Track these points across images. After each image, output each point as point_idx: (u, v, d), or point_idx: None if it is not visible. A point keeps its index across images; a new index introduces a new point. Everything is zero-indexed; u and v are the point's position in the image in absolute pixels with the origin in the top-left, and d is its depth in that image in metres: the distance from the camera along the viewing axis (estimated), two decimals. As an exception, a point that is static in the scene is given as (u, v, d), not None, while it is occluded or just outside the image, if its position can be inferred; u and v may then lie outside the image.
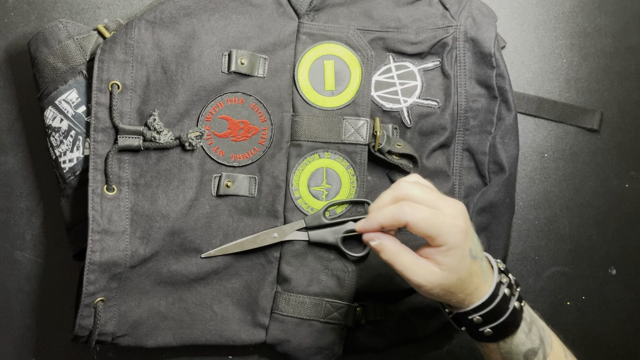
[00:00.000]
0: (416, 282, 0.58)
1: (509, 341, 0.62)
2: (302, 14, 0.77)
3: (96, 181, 0.72)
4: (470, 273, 0.59)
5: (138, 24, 0.73)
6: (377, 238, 0.59)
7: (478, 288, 0.60)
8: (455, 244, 0.57)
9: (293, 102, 0.77)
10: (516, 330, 0.62)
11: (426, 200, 0.58)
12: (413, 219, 0.56)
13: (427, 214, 0.57)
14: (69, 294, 0.79)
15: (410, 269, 0.58)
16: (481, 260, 0.61)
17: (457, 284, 0.59)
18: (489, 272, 0.62)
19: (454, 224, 0.57)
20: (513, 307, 0.61)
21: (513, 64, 0.84)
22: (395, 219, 0.57)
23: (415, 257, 0.59)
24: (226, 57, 0.75)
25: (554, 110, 0.84)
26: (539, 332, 0.64)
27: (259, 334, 0.76)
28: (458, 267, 0.58)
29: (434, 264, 0.58)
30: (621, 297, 0.84)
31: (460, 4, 0.79)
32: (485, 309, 0.60)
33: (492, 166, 0.78)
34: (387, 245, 0.59)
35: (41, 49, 0.74)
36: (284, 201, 0.77)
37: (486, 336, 0.62)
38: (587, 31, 0.85)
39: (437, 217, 0.57)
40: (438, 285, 0.58)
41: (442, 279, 0.58)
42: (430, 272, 0.58)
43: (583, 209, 0.84)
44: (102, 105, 0.73)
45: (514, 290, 0.63)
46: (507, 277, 0.63)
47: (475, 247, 0.60)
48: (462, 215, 0.59)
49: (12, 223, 0.82)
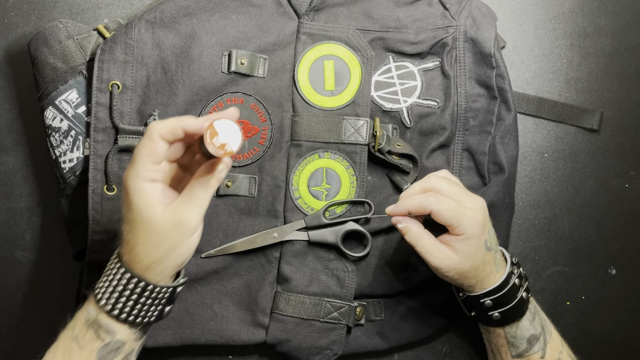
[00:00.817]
0: (434, 264, 0.66)
1: (515, 326, 0.69)
2: (302, 14, 0.77)
3: (96, 181, 0.72)
4: (483, 262, 0.66)
5: (138, 24, 0.73)
6: (404, 221, 0.66)
7: (490, 276, 0.67)
8: (472, 234, 0.64)
9: (293, 102, 0.77)
10: (522, 317, 0.68)
11: (451, 194, 0.65)
12: (438, 208, 0.63)
13: (451, 205, 0.64)
14: (69, 294, 0.79)
15: (430, 252, 0.65)
16: (495, 252, 0.68)
17: (471, 269, 0.65)
18: (502, 263, 0.69)
19: (474, 217, 0.64)
20: (521, 296, 0.68)
21: (513, 64, 0.84)
22: (422, 207, 0.64)
23: (435, 242, 0.66)
24: (226, 57, 0.75)
25: (554, 110, 0.84)
26: (541, 322, 0.70)
27: (259, 334, 0.76)
28: (473, 255, 0.65)
29: (451, 250, 0.65)
30: (621, 297, 0.84)
31: (460, 4, 0.79)
32: (496, 294, 0.67)
33: (492, 166, 0.78)
34: (412, 229, 0.66)
35: (41, 49, 0.74)
36: (283, 201, 0.77)
37: (494, 320, 0.69)
38: (587, 31, 0.85)
39: (459, 209, 0.64)
40: (453, 269, 0.65)
41: (458, 263, 0.65)
42: (447, 256, 0.65)
43: (583, 209, 0.84)
44: (102, 105, 0.73)
45: (523, 282, 0.69)
46: (518, 270, 0.69)
47: (490, 239, 0.67)
48: (482, 210, 0.66)
49: (12, 223, 0.82)
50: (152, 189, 0.56)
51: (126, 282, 0.57)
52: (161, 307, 0.60)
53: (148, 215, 0.56)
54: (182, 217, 0.56)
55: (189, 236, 0.57)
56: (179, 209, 0.56)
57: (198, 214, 0.57)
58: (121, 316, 0.58)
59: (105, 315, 0.58)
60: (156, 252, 0.56)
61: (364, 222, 0.77)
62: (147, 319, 0.59)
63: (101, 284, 0.59)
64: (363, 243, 0.78)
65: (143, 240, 0.56)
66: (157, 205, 0.56)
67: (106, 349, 0.58)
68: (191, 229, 0.57)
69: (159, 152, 0.55)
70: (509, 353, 0.70)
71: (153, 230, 0.56)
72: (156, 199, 0.56)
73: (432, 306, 0.78)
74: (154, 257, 0.57)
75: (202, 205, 0.57)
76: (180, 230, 0.56)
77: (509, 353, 0.70)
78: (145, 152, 0.55)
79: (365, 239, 0.77)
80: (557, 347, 0.71)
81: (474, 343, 0.82)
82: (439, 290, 0.77)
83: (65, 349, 0.59)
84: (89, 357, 0.58)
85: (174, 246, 0.57)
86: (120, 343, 0.59)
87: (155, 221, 0.56)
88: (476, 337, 0.81)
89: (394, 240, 0.77)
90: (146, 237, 0.56)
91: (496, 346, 0.71)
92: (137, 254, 0.57)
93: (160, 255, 0.57)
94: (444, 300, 0.78)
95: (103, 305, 0.58)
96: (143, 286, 0.57)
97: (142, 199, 0.55)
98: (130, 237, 0.57)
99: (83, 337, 0.58)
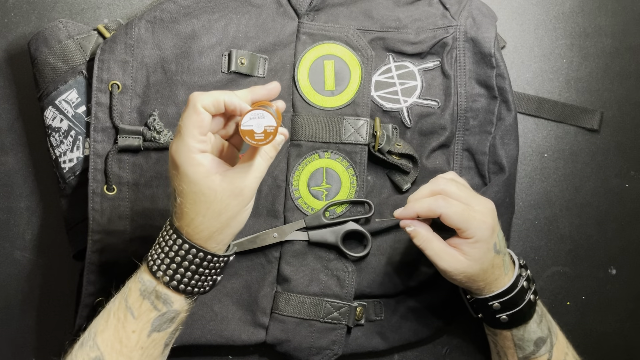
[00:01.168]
0: (443, 268, 0.65)
1: (522, 329, 0.68)
2: (302, 14, 0.77)
3: (96, 181, 0.72)
4: (492, 265, 0.65)
5: (138, 24, 0.73)
6: (413, 225, 0.66)
7: (498, 279, 0.67)
8: (481, 237, 0.64)
9: (293, 102, 0.77)
10: (530, 319, 0.68)
11: (460, 197, 0.65)
12: (447, 211, 0.63)
13: (460, 208, 0.63)
14: (69, 294, 0.79)
15: (439, 255, 0.65)
16: (504, 255, 0.67)
17: (480, 273, 0.65)
18: (510, 266, 0.68)
19: (483, 220, 0.64)
20: (529, 299, 0.67)
21: (513, 64, 0.84)
22: (431, 210, 0.64)
23: (444, 245, 0.65)
24: (226, 57, 0.75)
25: (554, 110, 0.84)
26: (548, 324, 0.69)
27: (259, 333, 0.76)
28: (482, 259, 0.64)
29: (460, 253, 0.65)
30: (621, 297, 0.84)
31: (460, 4, 0.79)
32: (505, 297, 0.67)
33: (492, 166, 0.78)
34: (421, 232, 0.65)
35: (41, 49, 0.74)
36: (284, 201, 0.77)
37: (502, 323, 0.68)
38: (587, 31, 0.85)
39: (469, 213, 0.64)
40: (462, 273, 0.65)
41: (467, 267, 0.64)
42: (456, 260, 0.64)
43: (583, 209, 0.84)
44: (102, 105, 0.73)
45: (531, 285, 0.69)
46: (526, 272, 0.69)
47: (499, 242, 0.66)
48: (491, 214, 0.65)
49: (12, 223, 0.82)
50: (205, 159, 0.56)
51: (185, 254, 0.58)
52: (215, 277, 0.61)
53: (207, 185, 0.56)
54: (242, 186, 0.57)
55: (247, 204, 0.58)
56: (238, 177, 0.57)
57: (256, 183, 0.58)
58: (180, 287, 0.59)
59: (163, 287, 0.59)
60: (218, 221, 0.57)
61: (364, 222, 0.77)
62: (203, 288, 0.61)
63: (156, 256, 0.59)
64: (363, 243, 0.78)
65: (204, 211, 0.57)
66: (214, 174, 0.56)
67: (162, 319, 0.60)
68: (250, 196, 0.58)
69: (205, 122, 0.56)
70: (515, 355, 0.70)
71: (214, 199, 0.56)
72: (212, 168, 0.57)
73: (432, 306, 0.78)
74: (216, 227, 0.58)
75: (260, 175, 0.58)
76: (241, 198, 0.57)
77: (515, 355, 0.70)
78: (192, 124, 0.56)
79: (365, 239, 0.77)
80: (562, 349, 0.70)
81: (474, 343, 0.82)
82: (439, 290, 0.77)
83: (119, 319, 0.60)
84: (144, 326, 0.59)
85: (235, 214, 0.58)
86: (176, 313, 0.60)
87: (216, 190, 0.56)
88: (476, 337, 0.81)
89: (394, 240, 0.77)
90: (207, 207, 0.57)
91: (502, 348, 0.71)
92: (197, 225, 0.57)
93: (222, 224, 0.58)
94: (444, 300, 0.78)
95: (161, 276, 0.59)
96: (202, 257, 0.58)
97: (199, 170, 0.56)
98: (188, 209, 0.57)
99: (139, 307, 0.59)
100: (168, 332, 0.61)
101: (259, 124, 0.56)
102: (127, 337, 0.59)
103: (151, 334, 0.59)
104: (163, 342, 0.61)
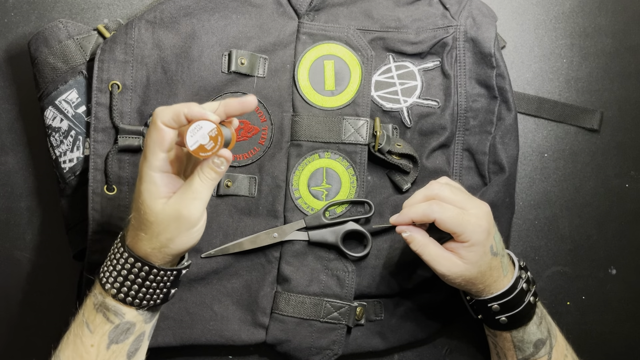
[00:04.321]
0: (441, 272, 0.65)
1: (522, 330, 0.68)
2: (302, 14, 0.77)
3: (96, 181, 0.72)
4: (490, 267, 0.65)
5: (138, 24, 0.73)
6: (409, 230, 0.66)
7: (497, 281, 0.67)
8: (477, 241, 0.64)
9: (293, 102, 0.77)
10: (529, 321, 0.68)
11: (454, 201, 0.65)
12: (441, 216, 0.63)
13: (454, 213, 0.63)
14: (69, 294, 0.79)
15: (436, 260, 0.65)
16: (502, 257, 0.67)
17: (478, 276, 0.65)
18: (509, 268, 0.68)
19: (478, 224, 0.64)
20: (529, 301, 0.67)
21: (513, 64, 0.84)
22: (426, 215, 0.64)
23: (441, 250, 0.65)
24: (226, 57, 0.75)
25: (554, 110, 0.84)
26: (547, 326, 0.69)
27: (259, 334, 0.76)
28: (479, 262, 0.64)
29: (457, 257, 0.65)
30: (621, 297, 0.84)
31: (460, 4, 0.79)
32: (504, 298, 0.66)
33: (492, 166, 0.78)
34: (417, 238, 0.66)
35: (41, 49, 0.74)
36: (284, 201, 0.77)
37: (501, 324, 0.68)
38: (587, 31, 0.85)
39: (463, 217, 0.64)
40: (460, 276, 0.65)
41: (464, 270, 0.65)
42: (453, 264, 0.65)
43: (583, 209, 0.84)
44: (102, 105, 0.73)
45: (531, 286, 0.69)
46: (526, 274, 0.69)
47: (496, 244, 0.66)
48: (486, 216, 0.65)
49: (12, 223, 0.82)
50: (160, 179, 0.57)
51: (130, 267, 0.58)
52: (166, 290, 0.61)
53: (151, 206, 0.56)
54: (181, 210, 0.56)
55: (189, 228, 0.58)
56: (179, 202, 0.57)
57: (197, 208, 0.57)
58: (127, 299, 0.59)
59: (111, 299, 0.59)
60: (157, 240, 0.57)
61: (364, 222, 0.77)
62: (152, 301, 0.60)
63: (105, 267, 0.60)
64: (363, 243, 0.78)
65: (145, 229, 0.57)
66: (160, 198, 0.57)
67: (117, 331, 0.60)
68: (191, 221, 0.57)
69: (165, 139, 0.56)
70: (515, 357, 0.70)
71: (154, 220, 0.57)
72: (161, 191, 0.57)
73: (432, 306, 0.78)
74: (154, 244, 0.58)
75: (201, 199, 0.57)
76: (180, 222, 0.57)
77: (515, 357, 0.70)
78: (152, 141, 0.56)
79: (365, 239, 0.77)
80: (562, 351, 0.70)
81: (474, 343, 0.82)
82: (439, 291, 0.77)
83: (76, 335, 0.60)
84: (101, 340, 0.59)
85: (174, 237, 0.57)
86: (130, 324, 0.60)
87: (157, 213, 0.56)
88: (476, 337, 0.81)
89: (394, 240, 0.77)
90: (148, 225, 0.57)
91: (502, 349, 0.71)
92: (140, 239, 0.58)
93: (160, 243, 0.57)
94: (444, 300, 0.78)
95: (109, 289, 0.59)
96: (147, 270, 0.58)
97: (149, 189, 0.56)
98: (135, 222, 0.58)
99: (93, 321, 0.59)
100: (128, 342, 0.61)
101: (202, 134, 0.55)
102: (86, 351, 0.59)
103: (110, 346, 0.60)
104: (125, 352, 0.61)
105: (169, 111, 0.56)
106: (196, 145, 0.55)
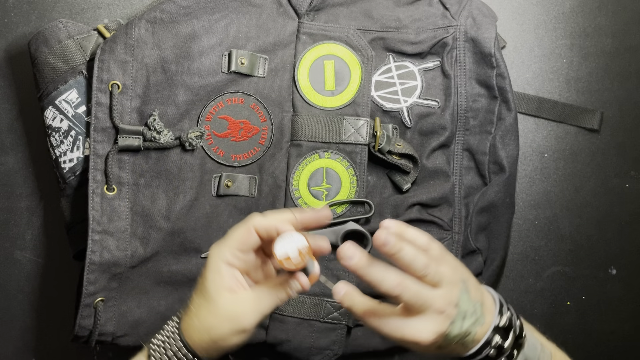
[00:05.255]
0: (407, 345, 0.57)
1: None
2: (302, 13, 0.77)
3: (96, 181, 0.72)
4: None
5: (138, 24, 0.73)
6: None
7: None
8: None
9: (293, 102, 0.77)
10: None
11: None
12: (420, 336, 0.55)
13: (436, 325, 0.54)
14: (69, 294, 0.79)
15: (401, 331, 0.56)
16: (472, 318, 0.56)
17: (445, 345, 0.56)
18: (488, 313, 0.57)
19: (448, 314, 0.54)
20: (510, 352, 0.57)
21: (513, 64, 0.84)
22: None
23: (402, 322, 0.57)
24: (226, 57, 0.75)
25: (554, 110, 0.84)
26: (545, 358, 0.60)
27: (259, 334, 0.76)
28: None
29: None
30: (621, 297, 0.84)
31: (461, 4, 0.79)
32: (480, 355, 0.57)
33: (492, 166, 0.78)
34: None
35: (41, 49, 0.74)
36: (284, 201, 0.77)
37: None
38: (587, 31, 0.85)
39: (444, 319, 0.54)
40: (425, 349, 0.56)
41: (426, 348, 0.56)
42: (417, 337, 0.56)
43: (583, 209, 0.84)
44: (102, 105, 0.73)
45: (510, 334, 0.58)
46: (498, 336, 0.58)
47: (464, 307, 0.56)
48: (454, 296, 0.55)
49: (12, 223, 0.82)
50: (227, 272, 0.56)
51: (177, 350, 0.58)
52: None
53: (214, 297, 0.56)
54: (239, 316, 0.56)
55: (239, 332, 0.57)
56: (241, 305, 0.56)
57: (255, 319, 0.57)
58: None
59: None
60: (207, 335, 0.57)
61: (364, 222, 0.77)
62: None
63: (158, 342, 0.59)
64: (363, 243, 0.78)
65: (201, 316, 0.57)
66: (225, 290, 0.56)
67: None
68: (245, 327, 0.57)
69: (250, 242, 0.56)
70: None
71: (213, 312, 0.56)
72: (227, 283, 0.56)
73: (432, 306, 0.78)
74: (202, 336, 0.57)
75: (263, 313, 0.57)
76: (233, 325, 0.56)
77: None
78: (236, 237, 0.56)
79: (365, 239, 0.77)
80: None
81: None
82: (439, 290, 0.77)
83: None
84: None
85: (224, 336, 0.57)
86: None
87: (218, 306, 0.56)
88: (476, 337, 0.81)
89: (394, 240, 0.77)
90: (205, 315, 0.57)
91: None
92: (192, 325, 0.57)
93: (210, 339, 0.57)
94: (444, 300, 0.78)
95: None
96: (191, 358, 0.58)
97: (215, 279, 0.56)
98: (193, 307, 0.58)
99: None
100: None
101: (293, 248, 0.55)
102: None
103: None
104: None
105: (264, 222, 0.56)
106: (284, 256, 0.55)
